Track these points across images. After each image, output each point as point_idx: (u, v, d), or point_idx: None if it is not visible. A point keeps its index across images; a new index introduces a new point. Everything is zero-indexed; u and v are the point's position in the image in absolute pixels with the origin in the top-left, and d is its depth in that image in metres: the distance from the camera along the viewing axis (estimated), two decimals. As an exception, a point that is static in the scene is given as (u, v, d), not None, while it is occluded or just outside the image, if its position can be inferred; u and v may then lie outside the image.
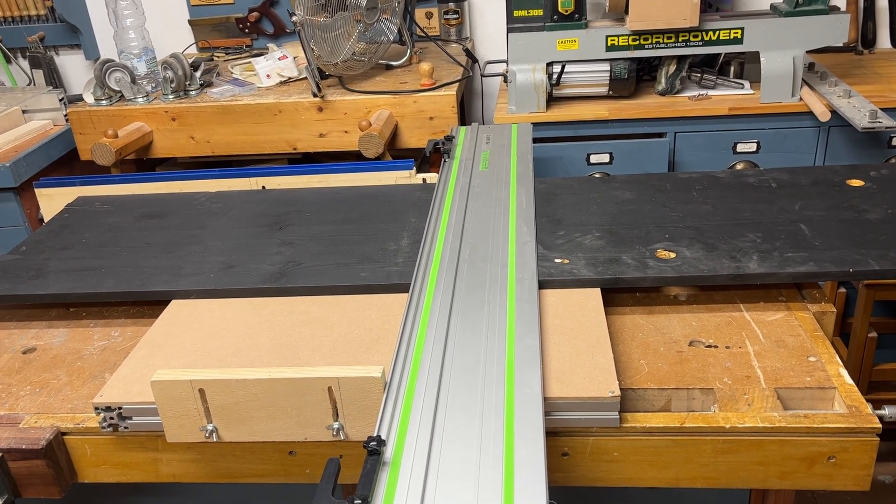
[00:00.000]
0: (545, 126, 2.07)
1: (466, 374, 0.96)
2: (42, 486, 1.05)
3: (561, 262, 1.23)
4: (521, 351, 1.00)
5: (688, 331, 1.14)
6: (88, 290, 1.26)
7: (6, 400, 1.11)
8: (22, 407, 1.09)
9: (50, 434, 1.04)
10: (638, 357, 1.09)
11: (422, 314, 1.09)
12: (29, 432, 1.04)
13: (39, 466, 1.03)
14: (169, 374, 0.96)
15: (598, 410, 0.95)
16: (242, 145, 2.05)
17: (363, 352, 1.07)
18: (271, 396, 0.95)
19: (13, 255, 1.40)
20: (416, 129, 2.01)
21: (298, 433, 0.98)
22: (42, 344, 1.24)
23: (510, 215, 1.39)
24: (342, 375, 0.94)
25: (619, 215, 1.38)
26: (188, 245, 1.39)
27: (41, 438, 1.03)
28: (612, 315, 1.19)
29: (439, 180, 1.55)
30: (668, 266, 1.19)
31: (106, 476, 1.09)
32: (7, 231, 2.03)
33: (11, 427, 1.05)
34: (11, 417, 1.07)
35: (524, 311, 1.09)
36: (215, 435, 0.98)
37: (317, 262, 1.29)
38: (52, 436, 1.04)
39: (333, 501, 0.76)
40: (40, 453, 1.02)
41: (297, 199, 1.55)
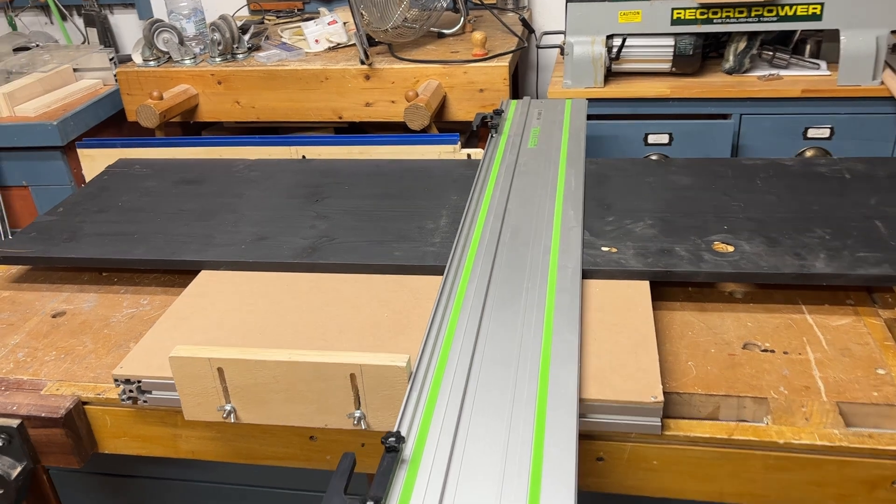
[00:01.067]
0: (602, 102, 1.97)
1: (497, 368, 0.90)
2: (61, 455, 1.03)
3: (608, 250, 1.15)
4: (558, 346, 0.93)
5: (742, 332, 1.05)
6: (119, 256, 1.24)
7: (31, 364, 1.09)
8: (45, 373, 1.07)
9: (70, 403, 1.02)
10: (686, 358, 1.01)
11: (455, 300, 1.03)
12: (50, 400, 1.02)
13: (58, 435, 1.01)
14: (188, 350, 0.93)
15: (638, 415, 0.88)
16: (287, 112, 2.01)
17: (391, 336, 1.02)
18: (291, 380, 0.91)
19: (50, 217, 1.39)
20: (466, 102, 1.93)
21: (318, 419, 0.93)
22: (72, 308, 1.22)
23: (557, 197, 1.31)
24: (365, 363, 0.88)
25: (674, 202, 1.28)
26: (223, 213, 1.35)
27: (61, 407, 1.01)
28: (660, 310, 1.11)
29: (484, 157, 1.48)
30: (724, 260, 1.10)
31: (126, 448, 1.06)
32: (54, 189, 2.04)
33: (33, 393, 1.03)
34: (34, 383, 1.05)
35: (564, 302, 1.02)
36: (233, 416, 0.95)
37: (351, 237, 1.24)
38: (72, 405, 1.01)
39: (345, 500, 0.71)
40: (59, 422, 1.00)
41: (337, 170, 1.50)
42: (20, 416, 1.00)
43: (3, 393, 1.04)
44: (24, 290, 1.28)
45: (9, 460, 1.02)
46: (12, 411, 1.01)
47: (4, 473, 1.02)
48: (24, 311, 1.22)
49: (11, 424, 1.00)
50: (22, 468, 1.02)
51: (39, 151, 2.00)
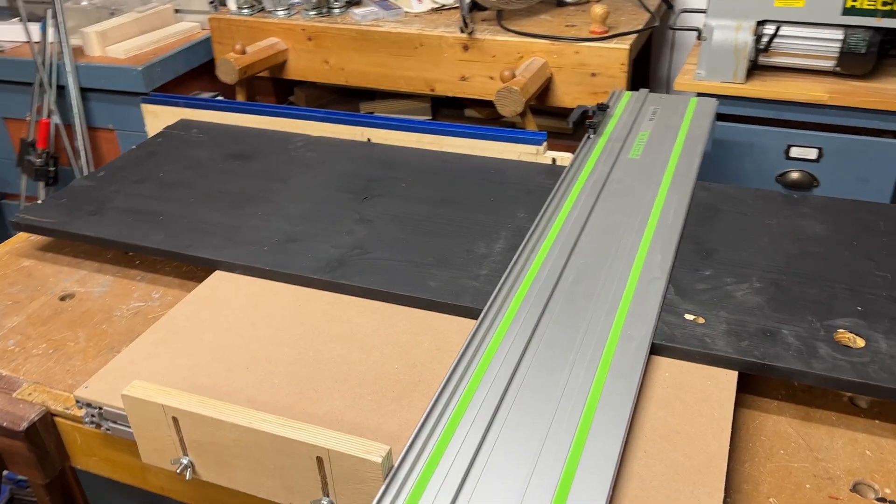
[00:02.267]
0: (739, 101, 1.65)
1: (501, 478, 0.69)
2: (25, 467, 0.93)
3: (693, 319, 0.90)
4: (590, 461, 0.71)
5: (856, 464, 0.78)
6: (134, 240, 1.11)
7: (16, 357, 0.99)
8: (26, 370, 0.97)
9: (36, 415, 0.90)
10: (768, 491, 0.75)
11: (478, 366, 0.82)
12: (17, 407, 0.91)
13: (20, 447, 0.91)
14: (143, 390, 0.78)
15: (678, 581, 0.65)
16: (377, 78, 1.82)
17: (393, 399, 0.83)
18: (251, 448, 0.74)
19: (88, 181, 1.29)
20: (574, 86, 1.67)
21: (283, 496, 0.77)
22: (82, 291, 1.12)
23: (645, 233, 1.05)
24: (334, 448, 0.70)
25: (796, 259, 1.00)
26: (260, 202, 1.20)
27: (24, 419, 0.90)
28: (748, 408, 0.85)
29: (571, 165, 1.24)
30: (846, 361, 0.82)
31: (97, 468, 0.95)
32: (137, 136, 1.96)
33: (4, 395, 0.93)
34: (10, 382, 0.95)
35: (616, 392, 0.78)
36: (190, 472, 0.80)
37: (386, 253, 1.05)
38: (37, 417, 0.90)
39: None
40: (20, 435, 0.89)
41: (398, 160, 1.30)
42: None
43: (-24, 389, 0.94)
44: (44, 262, 1.19)
45: (-26, 463, 0.93)
46: (-23, 414, 0.91)
47: (-32, 477, 0.93)
48: (35, 287, 1.13)
49: (-27, 429, 0.90)
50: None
51: (125, 96, 1.93)
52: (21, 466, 0.93)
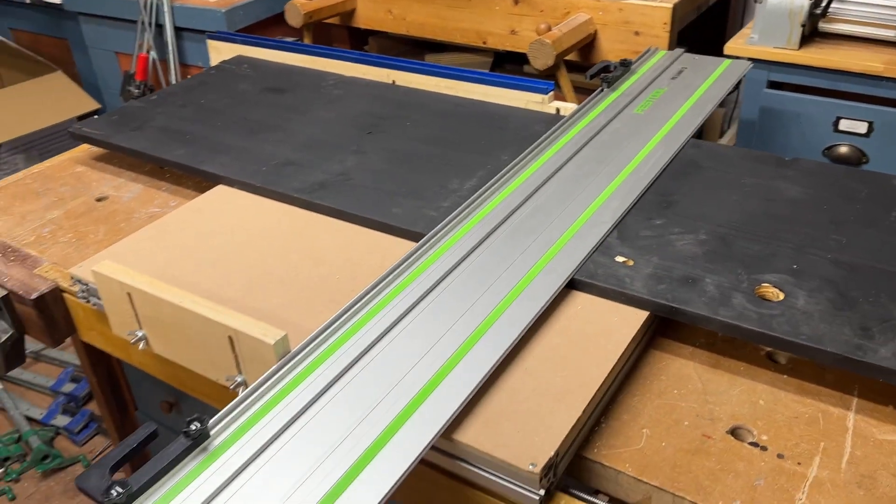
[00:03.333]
0: (791, 69, 1.58)
1: (379, 373, 0.76)
2: (38, 332, 1.10)
3: (623, 261, 0.92)
4: (462, 368, 0.76)
5: (744, 410, 0.79)
6: (158, 153, 1.25)
7: (46, 241, 1.16)
8: (51, 253, 1.13)
9: (46, 288, 1.06)
10: (644, 422, 0.78)
11: (400, 282, 0.89)
12: (34, 280, 1.08)
13: (32, 314, 1.07)
14: (107, 268, 0.91)
15: (513, 478, 0.70)
16: (434, 29, 1.88)
17: (325, 303, 0.91)
18: (182, 325, 0.85)
19: (141, 103, 1.45)
20: (618, 44, 1.66)
21: (212, 372, 0.88)
22: (115, 195, 1.27)
23: (614, 181, 1.07)
24: (240, 329, 0.80)
25: (755, 218, 0.99)
26: (275, 130, 1.31)
27: (36, 290, 1.06)
28: (661, 350, 0.87)
29: (572, 115, 1.26)
30: (754, 312, 0.82)
31: (96, 341, 1.10)
32: (221, 74, 2.14)
33: (27, 270, 1.10)
34: (36, 260, 1.12)
35: (516, 313, 0.83)
36: (144, 343, 0.92)
37: (367, 181, 1.13)
38: (47, 290, 1.06)
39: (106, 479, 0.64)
40: (30, 303, 1.05)
41: (414, 102, 1.37)
42: (7, 289, 1.07)
43: (8, 264, 1.11)
44: (93, 169, 1.36)
45: (2, 325, 1.11)
46: (3, 282, 1.08)
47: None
48: (81, 187, 1.30)
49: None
50: (10, 335, 1.11)
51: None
52: (35, 332, 1.10)
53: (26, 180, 1.34)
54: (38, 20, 2.75)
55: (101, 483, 0.64)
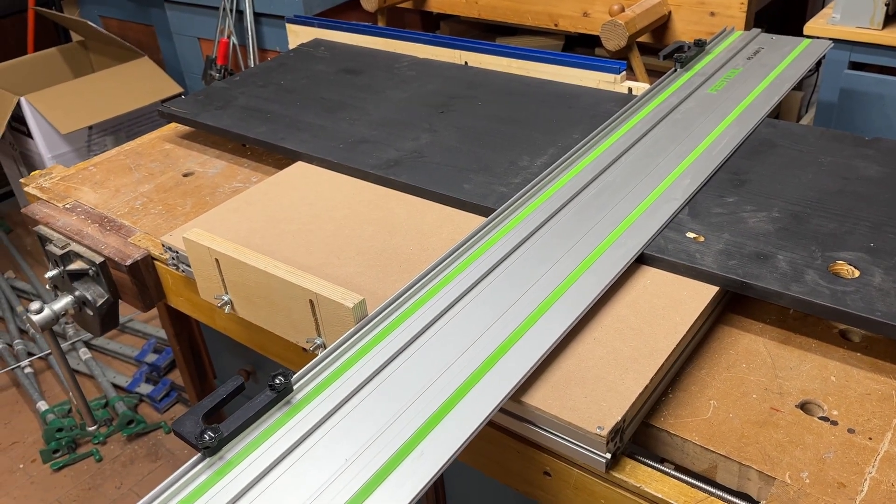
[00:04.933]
0: (874, 49, 1.54)
1: (452, 339, 0.79)
2: (131, 297, 1.17)
3: (694, 238, 0.93)
4: (532, 335, 0.79)
5: (814, 385, 0.79)
6: (241, 131, 1.31)
7: (139, 213, 1.23)
8: (143, 223, 1.20)
9: (139, 256, 1.13)
10: (712, 394, 0.79)
11: (471, 254, 0.92)
12: (128, 247, 1.15)
13: (126, 280, 1.14)
14: (198, 235, 0.96)
15: (581, 442, 0.73)
16: (506, 12, 1.90)
17: (398, 272, 0.95)
18: (266, 289, 0.90)
19: (225, 84, 1.51)
20: (692, 24, 1.64)
21: (292, 335, 0.92)
22: (201, 171, 1.34)
23: (686, 159, 1.08)
24: (321, 293, 0.84)
25: (831, 195, 0.98)
26: (351, 109, 1.35)
27: (130, 257, 1.13)
28: (730, 326, 0.88)
29: (645, 94, 1.26)
30: (827, 289, 0.82)
31: (183, 307, 1.17)
32: (297, 58, 2.20)
33: (122, 239, 1.17)
34: (129, 230, 1.19)
35: (585, 285, 0.85)
36: (229, 307, 0.98)
37: (439, 158, 1.16)
38: (140, 257, 1.13)
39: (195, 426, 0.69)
40: (125, 269, 1.12)
41: (485, 83, 1.40)
42: (104, 256, 1.15)
43: (105, 233, 1.19)
44: (181, 147, 1.43)
45: (99, 290, 1.18)
46: (101, 250, 1.16)
47: (93, 300, 1.18)
48: (169, 164, 1.37)
49: (95, 260, 1.15)
50: (105, 299, 1.18)
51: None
52: (128, 297, 1.17)
53: (119, 157, 1.42)
54: (126, 7, 2.88)
55: (195, 428, 0.69)
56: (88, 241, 1.17)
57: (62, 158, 2.60)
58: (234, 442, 0.70)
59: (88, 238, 1.18)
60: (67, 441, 2.14)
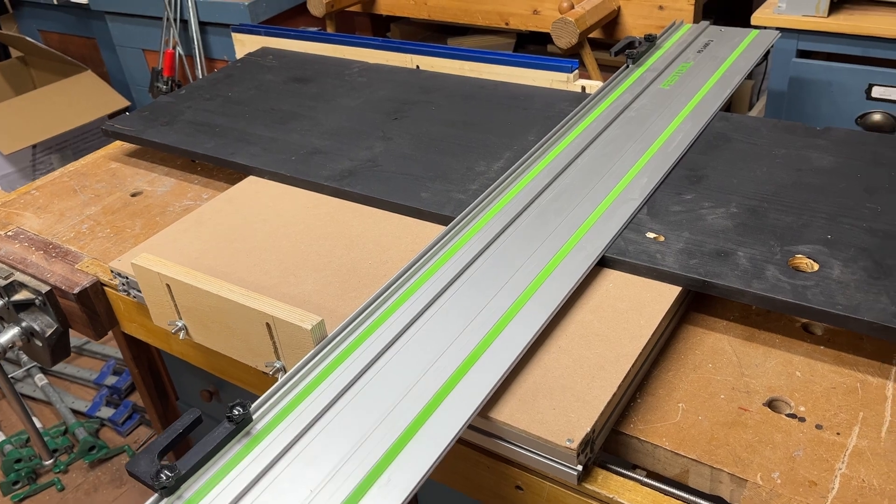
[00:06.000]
0: (820, 37, 1.56)
1: (412, 356, 0.77)
2: (81, 326, 1.13)
3: (654, 238, 0.92)
4: (497, 347, 0.77)
5: (780, 382, 0.79)
6: (190, 147, 1.27)
7: (85, 237, 1.19)
8: (91, 248, 1.16)
9: (87, 283, 1.09)
10: (679, 397, 0.79)
11: (434, 263, 0.90)
12: (75, 275, 1.10)
13: (75, 308, 1.10)
14: (147, 260, 0.93)
15: (550, 455, 0.71)
16: (456, 12, 1.88)
17: (357, 287, 0.93)
18: (221, 313, 0.87)
19: (170, 98, 1.47)
20: (641, 19, 1.64)
21: (250, 359, 0.90)
22: (150, 190, 1.30)
23: (641, 158, 1.07)
24: (278, 315, 0.81)
25: (786, 188, 0.98)
26: (302, 119, 1.32)
27: (78, 284, 1.09)
28: (694, 325, 0.87)
29: (597, 92, 1.25)
30: (788, 283, 0.82)
31: (137, 333, 1.13)
32: (246, 67, 2.16)
33: (69, 266, 1.13)
34: (76, 256, 1.15)
35: (548, 292, 0.84)
36: (184, 333, 0.94)
37: (393, 167, 1.14)
38: (89, 284, 1.09)
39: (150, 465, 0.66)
40: (73, 297, 1.08)
41: (437, 86, 1.38)
42: (50, 284, 1.10)
43: (50, 260, 1.14)
44: (127, 165, 1.39)
45: (47, 319, 1.14)
46: (46, 278, 1.11)
47: (42, 331, 1.13)
48: (116, 184, 1.33)
49: (41, 289, 1.10)
50: (54, 329, 1.14)
51: (235, 29, 2.12)
52: (78, 325, 1.13)
53: (63, 178, 1.37)
54: (65, 21, 2.80)
55: (150, 468, 0.66)
56: (33, 269, 1.13)
57: (6, 180, 2.51)
58: (192, 479, 0.67)
59: (33, 266, 1.13)
60: (27, 472, 2.07)
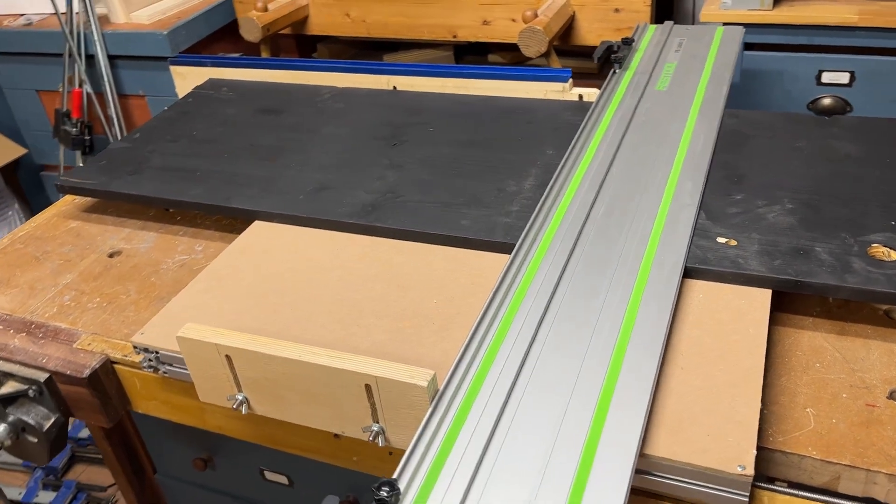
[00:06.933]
0: (767, 29, 1.62)
1: (543, 399, 0.72)
2: (90, 412, 0.98)
3: (726, 242, 0.91)
4: (627, 379, 0.73)
5: (893, 373, 0.80)
6: (175, 196, 1.15)
7: (73, 311, 1.04)
8: (84, 322, 1.02)
9: (97, 363, 0.95)
10: (805, 402, 0.77)
11: (513, 298, 0.85)
12: (78, 356, 0.96)
13: (85, 394, 0.96)
14: (196, 331, 0.82)
15: (717, 485, 0.68)
16: (399, 28, 1.82)
17: (434, 331, 0.86)
18: (302, 380, 0.78)
19: (124, 143, 1.32)
20: (597, 23, 1.65)
21: (336, 425, 0.80)
22: (129, 248, 1.16)
23: (675, 162, 1.06)
24: (382, 375, 0.73)
25: (828, 179, 1.00)
26: (292, 152, 1.22)
27: (87, 366, 0.94)
28: (783, 326, 0.87)
29: (598, 100, 1.24)
30: (881, 273, 0.83)
31: (157, 411, 1.00)
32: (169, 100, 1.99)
33: (65, 346, 0.98)
34: (69, 334, 1.00)
35: (650, 314, 0.80)
36: (245, 406, 0.84)
37: (418, 195, 1.07)
38: (98, 364, 0.95)
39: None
40: (84, 381, 0.94)
41: (425, 106, 1.32)
42: (49, 371, 0.96)
43: (39, 342, 0.99)
44: (90, 223, 1.23)
45: (43, 411, 0.99)
46: (42, 364, 0.96)
47: (38, 424, 0.98)
48: (84, 246, 1.17)
49: (40, 378, 0.95)
50: (54, 420, 0.99)
51: (153, 61, 1.96)
52: (86, 412, 0.98)
53: (16, 245, 1.20)
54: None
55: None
56: (21, 355, 0.97)
57: None
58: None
59: (20, 352, 0.98)
60: (-38, 580, 1.82)
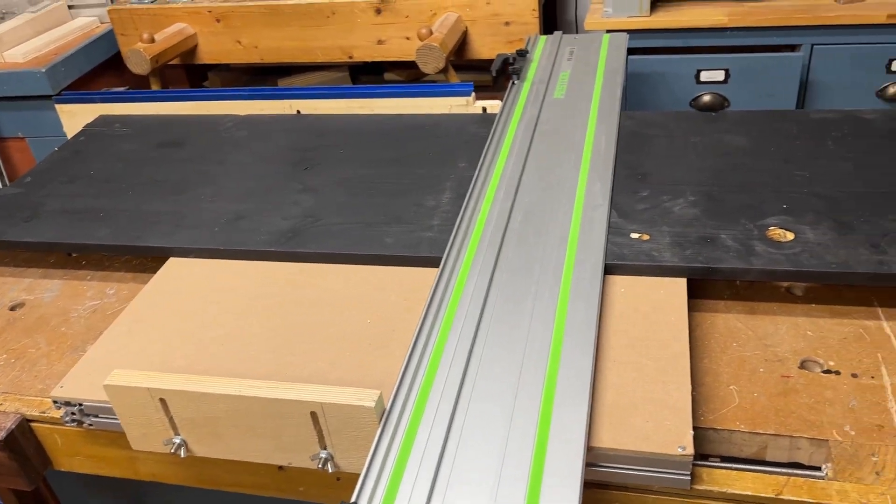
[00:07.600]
0: (647, 34, 1.71)
1: (489, 405, 0.73)
2: (7, 477, 0.92)
3: (639, 237, 0.96)
4: (567, 376, 0.76)
5: (801, 344, 0.86)
6: (80, 240, 1.10)
7: (-23, 371, 0.97)
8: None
9: (12, 423, 0.89)
10: (727, 380, 0.82)
11: (447, 309, 0.86)
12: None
13: (2, 458, 0.90)
14: (125, 377, 0.78)
15: (661, 467, 0.71)
16: (293, 52, 1.81)
17: (373, 350, 0.86)
18: (243, 415, 0.76)
19: (15, 189, 1.25)
20: (489, 37, 1.70)
21: (278, 457, 0.79)
22: (32, 299, 1.10)
23: (582, 165, 1.10)
24: (328, 401, 0.73)
25: (724, 171, 1.07)
26: (200, 185, 1.19)
27: (2, 428, 0.89)
28: (700, 311, 0.92)
29: (502, 111, 1.27)
30: (781, 254, 0.89)
31: (81, 467, 0.95)
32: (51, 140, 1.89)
33: (-26, 409, 0.92)
34: (-23, 395, 0.94)
35: (579, 312, 0.83)
36: (183, 449, 0.81)
37: (338, 218, 1.07)
38: (14, 425, 0.89)
39: None
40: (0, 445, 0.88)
41: (332, 128, 1.31)
42: (-42, 438, 0.89)
43: (-57, 408, 0.92)
44: (-16, 275, 1.16)
45: (-47, 481, 0.92)
46: (-51, 432, 0.89)
47: (-51, 496, 0.91)
48: (-20, 301, 1.10)
49: (-53, 447, 0.89)
50: (-33, 491, 0.92)
51: (32, 101, 1.86)
52: (2, 477, 0.92)
53: None
54: None
55: None
56: (-76, 425, 0.90)
57: None
58: None
59: (-78, 422, 0.91)
60: None
